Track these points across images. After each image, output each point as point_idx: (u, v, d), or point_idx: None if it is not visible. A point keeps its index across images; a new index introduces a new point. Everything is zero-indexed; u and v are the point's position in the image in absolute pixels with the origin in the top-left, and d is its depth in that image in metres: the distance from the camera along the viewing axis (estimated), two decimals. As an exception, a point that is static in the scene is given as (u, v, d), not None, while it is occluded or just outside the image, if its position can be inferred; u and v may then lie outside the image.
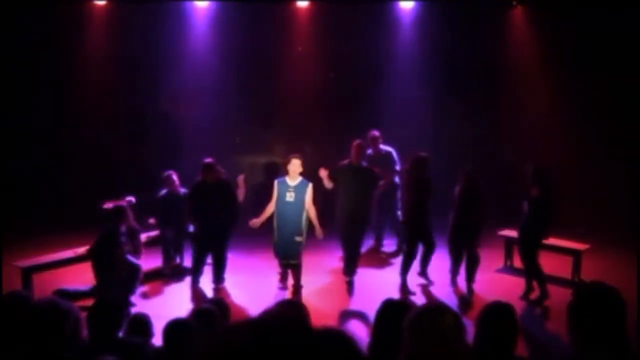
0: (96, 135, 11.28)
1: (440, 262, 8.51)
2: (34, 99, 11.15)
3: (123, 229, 7.58)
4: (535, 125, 11.65)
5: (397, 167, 9.50)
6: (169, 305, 7.56)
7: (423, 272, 8.35)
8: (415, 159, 7.96)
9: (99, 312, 3.90)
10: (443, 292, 8.10)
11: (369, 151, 9.19)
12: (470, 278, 7.95)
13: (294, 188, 7.84)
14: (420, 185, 7.90)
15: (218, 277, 8.21)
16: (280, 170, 8.47)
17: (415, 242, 8.14)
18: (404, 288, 8.11)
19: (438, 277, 8.38)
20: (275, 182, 7.99)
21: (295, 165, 7.86)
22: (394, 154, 9.58)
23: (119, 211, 7.59)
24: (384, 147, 9.55)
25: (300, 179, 7.89)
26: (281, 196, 7.86)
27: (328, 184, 8.06)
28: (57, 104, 11.30)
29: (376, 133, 9.52)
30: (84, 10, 11.29)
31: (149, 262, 8.51)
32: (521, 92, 11.90)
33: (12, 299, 3.64)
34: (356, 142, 8.14)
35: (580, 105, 11.40)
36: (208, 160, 8.09)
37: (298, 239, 7.83)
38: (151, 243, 8.76)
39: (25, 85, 10.95)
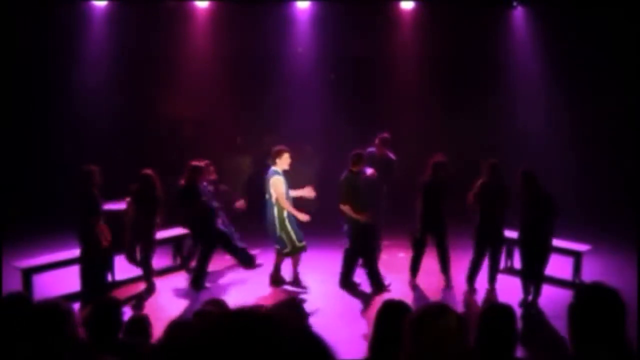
0: (97, 135, 11.27)
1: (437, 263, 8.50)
2: (33, 99, 11.16)
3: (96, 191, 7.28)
4: (534, 125, 11.65)
5: (392, 176, 9.05)
6: (169, 306, 7.55)
7: (446, 276, 8.34)
8: (435, 163, 7.95)
9: (98, 312, 3.90)
10: (445, 292, 8.13)
11: (371, 149, 8.94)
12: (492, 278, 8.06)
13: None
14: (438, 187, 7.90)
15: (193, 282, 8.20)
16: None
17: (423, 242, 8.17)
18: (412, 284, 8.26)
19: (439, 278, 8.38)
20: (281, 177, 7.92)
21: (289, 160, 7.97)
22: (396, 162, 9.09)
23: (87, 174, 7.24)
24: (389, 153, 9.02)
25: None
26: (286, 187, 7.91)
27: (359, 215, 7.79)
28: (57, 104, 11.30)
29: (387, 135, 9.04)
30: (84, 10, 11.29)
31: (155, 261, 8.49)
32: (520, 93, 11.91)
33: (12, 300, 3.64)
34: (356, 150, 8.02)
35: (580, 105, 11.42)
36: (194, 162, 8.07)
37: None
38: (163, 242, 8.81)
39: (25, 86, 10.96)
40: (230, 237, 8.26)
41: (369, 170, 8.81)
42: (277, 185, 7.82)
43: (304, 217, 7.88)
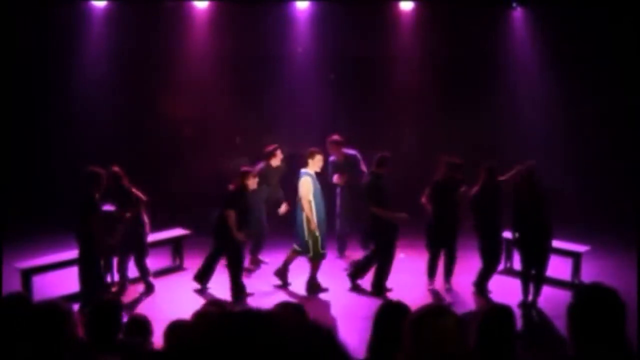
0: (97, 135, 11.27)
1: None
2: (34, 99, 11.15)
3: (99, 196, 7.26)
4: (534, 125, 11.65)
5: (364, 169, 8.91)
6: (169, 306, 7.55)
7: (447, 280, 8.28)
8: (452, 164, 7.90)
9: (98, 312, 3.90)
10: (445, 293, 8.13)
11: (331, 158, 8.99)
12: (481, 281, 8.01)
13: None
14: (447, 187, 7.88)
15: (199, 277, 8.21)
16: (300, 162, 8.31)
17: (438, 246, 8.13)
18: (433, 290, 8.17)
19: (439, 279, 8.38)
20: (310, 178, 7.86)
21: (321, 162, 7.95)
22: (359, 156, 9.12)
23: (91, 176, 7.23)
24: (348, 151, 9.06)
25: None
26: (317, 190, 7.86)
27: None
28: (57, 105, 11.30)
29: (337, 137, 9.06)
30: (83, 10, 11.29)
31: (154, 261, 8.50)
32: (520, 93, 11.90)
33: (12, 301, 3.65)
34: (383, 153, 8.00)
35: (579, 105, 11.41)
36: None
37: None
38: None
39: (25, 86, 10.95)
40: (242, 257, 8.02)
41: (335, 177, 8.83)
42: (303, 187, 7.79)
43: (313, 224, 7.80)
